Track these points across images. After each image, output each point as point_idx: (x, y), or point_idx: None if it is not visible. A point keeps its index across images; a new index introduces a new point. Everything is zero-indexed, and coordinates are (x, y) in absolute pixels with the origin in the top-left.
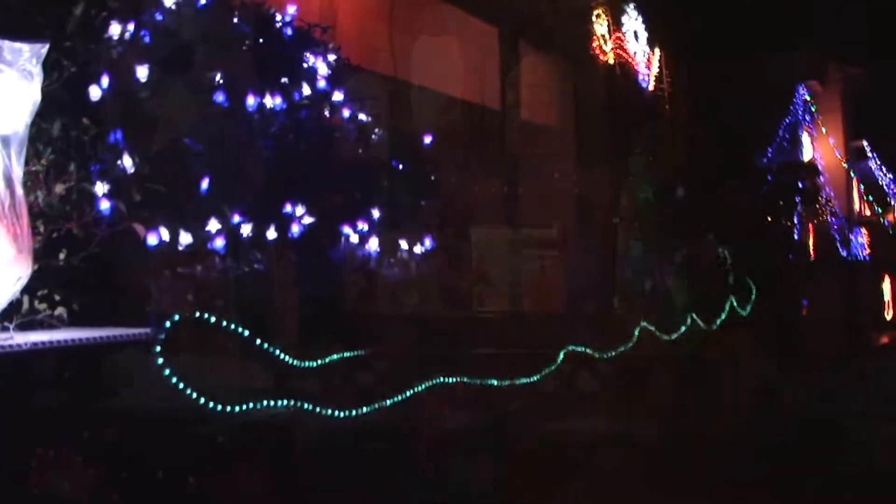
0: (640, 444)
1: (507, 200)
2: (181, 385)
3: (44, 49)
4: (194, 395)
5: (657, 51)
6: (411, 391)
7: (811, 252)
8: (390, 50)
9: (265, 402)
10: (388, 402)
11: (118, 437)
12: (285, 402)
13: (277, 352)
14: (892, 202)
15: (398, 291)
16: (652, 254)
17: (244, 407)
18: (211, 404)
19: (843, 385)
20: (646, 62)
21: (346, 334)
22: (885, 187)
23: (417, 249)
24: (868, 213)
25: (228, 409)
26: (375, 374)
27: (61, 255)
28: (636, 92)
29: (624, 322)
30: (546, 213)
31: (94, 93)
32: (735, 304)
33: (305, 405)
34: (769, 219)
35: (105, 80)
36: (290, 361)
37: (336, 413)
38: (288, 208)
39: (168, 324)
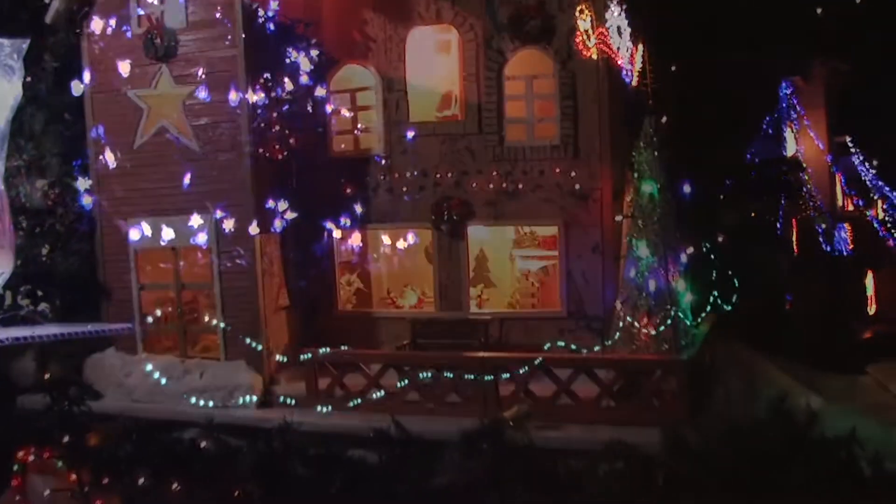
0: None
1: (503, 197)
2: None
3: (25, 44)
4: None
5: (640, 46)
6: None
7: (794, 247)
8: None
9: None
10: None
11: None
12: None
13: None
14: (875, 197)
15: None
16: (657, 252)
17: None
18: None
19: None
20: (629, 58)
21: None
22: (868, 182)
23: (402, 245)
24: (851, 208)
25: None
26: None
27: (44, 251)
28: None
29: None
30: (545, 210)
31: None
32: (718, 299)
33: None
34: (753, 214)
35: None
36: None
37: None
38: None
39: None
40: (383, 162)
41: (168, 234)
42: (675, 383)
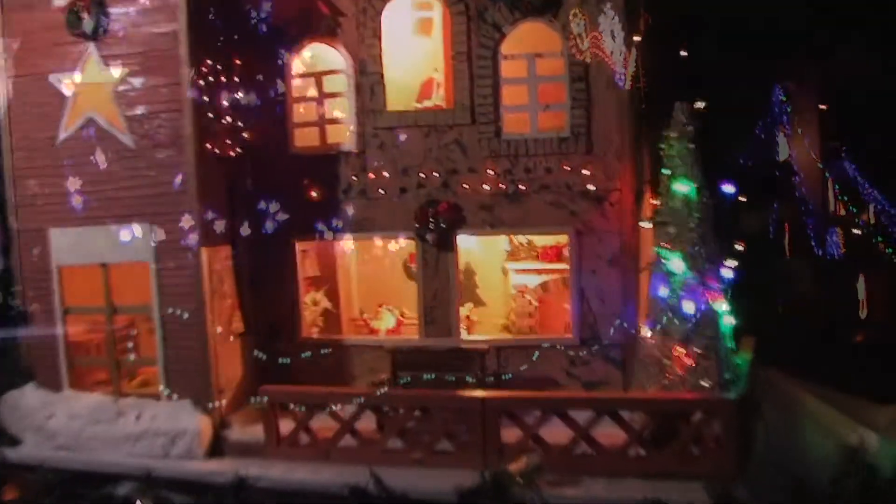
0: None
1: (501, 200)
2: None
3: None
4: None
5: (633, 50)
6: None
7: (786, 251)
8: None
9: None
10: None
11: None
12: None
13: None
14: (867, 202)
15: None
16: (695, 266)
17: None
18: None
19: None
20: (622, 61)
21: None
22: (859, 187)
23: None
24: (843, 212)
25: None
26: None
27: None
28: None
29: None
30: (552, 215)
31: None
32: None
33: None
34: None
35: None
36: None
37: None
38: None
39: None
40: (356, 159)
41: (97, 246)
42: (721, 427)
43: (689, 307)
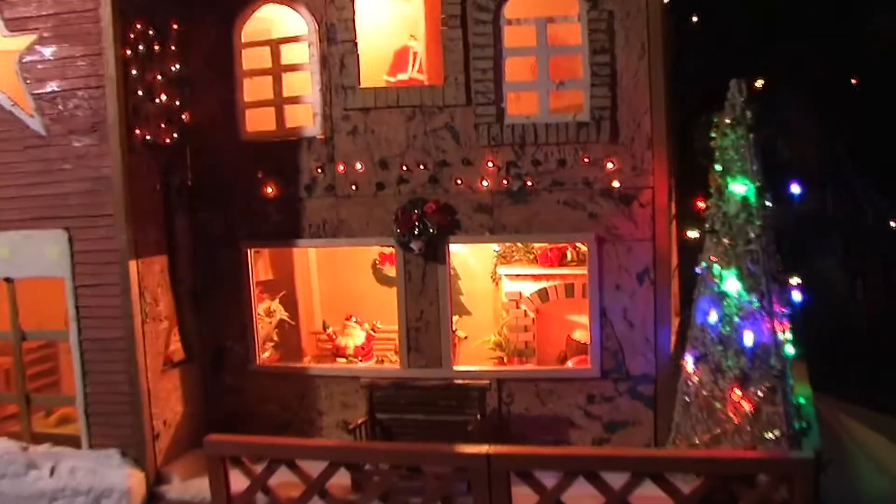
0: None
1: (504, 199)
2: None
3: None
4: None
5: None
6: None
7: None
8: None
9: None
10: None
11: None
12: None
13: None
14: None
15: None
16: (756, 287)
17: None
18: None
19: None
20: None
21: None
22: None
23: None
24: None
25: None
26: None
27: None
28: None
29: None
30: (567, 219)
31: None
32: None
33: None
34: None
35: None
36: None
37: None
38: None
39: None
40: (322, 147)
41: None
42: (792, 492)
43: (748, 338)
